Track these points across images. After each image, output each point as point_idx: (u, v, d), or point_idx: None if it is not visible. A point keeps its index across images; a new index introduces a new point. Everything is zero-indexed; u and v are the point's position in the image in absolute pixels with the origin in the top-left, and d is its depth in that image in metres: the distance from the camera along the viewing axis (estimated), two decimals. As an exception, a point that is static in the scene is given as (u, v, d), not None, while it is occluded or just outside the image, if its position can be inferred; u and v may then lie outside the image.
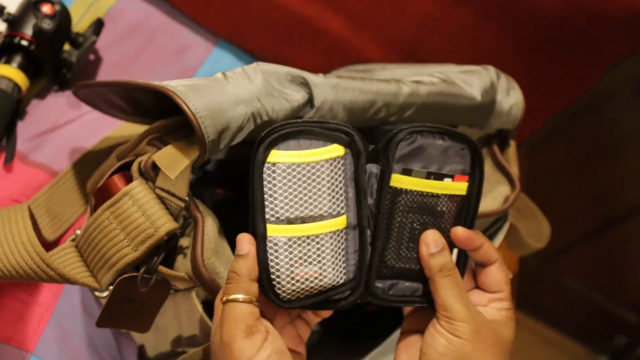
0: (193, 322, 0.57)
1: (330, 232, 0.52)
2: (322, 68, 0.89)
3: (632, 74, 0.96)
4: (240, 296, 0.50)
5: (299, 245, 0.51)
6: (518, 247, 0.88)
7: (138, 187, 0.52)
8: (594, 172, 1.22)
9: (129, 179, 0.54)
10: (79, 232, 0.56)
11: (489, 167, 0.75)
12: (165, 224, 0.52)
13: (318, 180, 0.52)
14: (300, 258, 0.51)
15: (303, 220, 0.52)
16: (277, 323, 0.54)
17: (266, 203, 0.51)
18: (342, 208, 0.53)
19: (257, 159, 0.50)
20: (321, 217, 0.52)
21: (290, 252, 0.51)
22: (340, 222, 0.53)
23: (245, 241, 0.50)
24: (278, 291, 0.51)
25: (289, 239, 0.51)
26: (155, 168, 0.52)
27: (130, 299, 0.54)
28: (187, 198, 0.53)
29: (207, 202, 0.56)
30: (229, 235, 0.57)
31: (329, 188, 0.52)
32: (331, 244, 0.52)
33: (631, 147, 1.13)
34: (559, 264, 1.44)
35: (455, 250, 0.55)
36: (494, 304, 0.55)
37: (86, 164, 0.77)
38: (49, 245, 0.71)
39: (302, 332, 0.55)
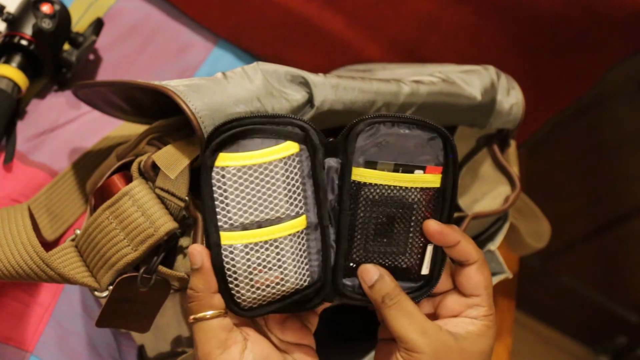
0: (193, 322, 0.57)
1: (290, 235, 0.51)
2: (322, 68, 0.89)
3: (632, 74, 0.96)
4: (207, 313, 0.49)
5: (257, 251, 0.50)
6: (518, 247, 0.88)
7: (138, 187, 0.52)
8: (594, 171, 1.22)
9: (128, 179, 0.54)
10: (78, 232, 0.56)
11: (489, 167, 0.75)
12: (165, 223, 0.52)
13: (272, 182, 0.50)
14: (259, 265, 0.50)
15: (259, 224, 0.50)
16: (275, 318, 0.53)
17: (218, 210, 0.49)
18: (300, 208, 0.51)
19: (205, 163, 0.49)
20: (279, 220, 0.50)
21: (248, 260, 0.49)
22: (299, 223, 0.51)
23: (197, 253, 0.49)
24: (238, 300, 0.50)
25: (246, 246, 0.49)
26: (155, 168, 0.52)
27: (130, 299, 0.54)
28: (187, 198, 0.53)
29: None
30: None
31: (284, 189, 0.50)
32: (291, 247, 0.51)
33: (631, 147, 1.13)
34: (559, 264, 1.44)
35: (430, 247, 0.53)
36: (469, 312, 0.52)
37: (86, 164, 0.77)
38: (48, 245, 0.71)
39: (308, 322, 0.54)
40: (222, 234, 0.49)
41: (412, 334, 0.49)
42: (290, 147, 0.51)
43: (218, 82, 0.54)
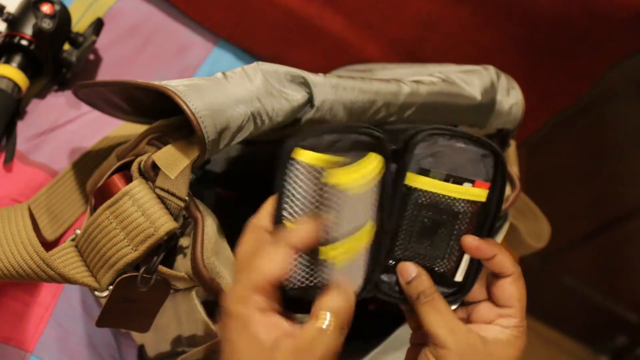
0: (193, 322, 0.57)
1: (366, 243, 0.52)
2: (322, 68, 0.89)
3: (632, 74, 0.96)
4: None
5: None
6: (518, 247, 0.88)
7: (138, 187, 0.52)
8: (594, 171, 1.22)
9: (128, 179, 0.54)
10: (78, 232, 0.56)
11: (489, 167, 0.75)
12: (165, 223, 0.52)
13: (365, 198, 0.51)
14: None
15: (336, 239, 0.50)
16: None
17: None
18: (370, 216, 0.52)
19: (319, 179, 0.49)
20: (355, 229, 0.51)
21: None
22: (370, 228, 0.52)
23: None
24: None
25: None
26: (155, 168, 0.52)
27: (130, 298, 0.54)
28: (187, 198, 0.53)
29: (207, 202, 0.56)
30: (229, 235, 0.57)
31: (372, 198, 0.52)
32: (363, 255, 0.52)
33: (631, 147, 1.13)
34: (559, 264, 1.44)
35: (467, 257, 0.54)
36: (500, 321, 0.53)
37: (86, 164, 0.77)
38: (48, 245, 0.71)
39: None
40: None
41: (441, 329, 0.50)
42: (379, 161, 0.51)
43: (218, 82, 0.54)
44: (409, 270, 0.53)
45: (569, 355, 1.60)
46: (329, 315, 0.46)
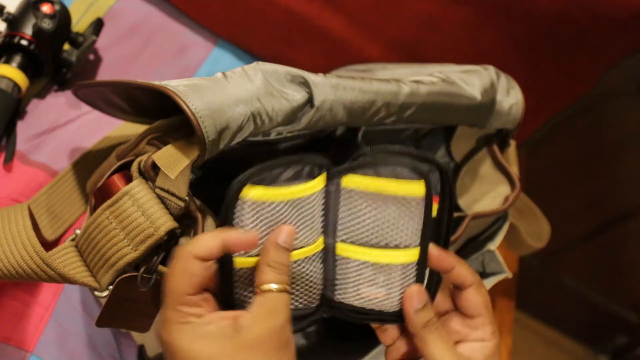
0: (193, 322, 0.57)
1: (401, 264, 0.53)
2: (322, 68, 0.89)
3: (632, 74, 0.96)
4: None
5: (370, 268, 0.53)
6: (518, 247, 0.88)
7: (138, 187, 0.52)
8: (594, 171, 1.22)
9: (128, 179, 0.54)
10: (78, 231, 0.55)
11: (488, 167, 0.76)
12: (165, 223, 0.52)
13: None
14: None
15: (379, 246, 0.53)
16: None
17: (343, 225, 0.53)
18: (414, 240, 0.53)
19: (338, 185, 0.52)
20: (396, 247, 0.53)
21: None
22: (413, 254, 0.54)
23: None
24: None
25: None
26: (155, 168, 0.52)
27: (130, 298, 0.54)
28: (187, 198, 0.52)
29: (207, 201, 0.56)
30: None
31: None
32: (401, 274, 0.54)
33: (631, 147, 1.13)
34: (559, 264, 1.44)
35: (427, 271, 0.55)
36: (477, 334, 0.54)
37: (86, 164, 0.77)
38: (48, 245, 0.71)
39: None
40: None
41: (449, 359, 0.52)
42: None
43: (218, 82, 0.54)
44: (420, 296, 0.54)
45: (569, 355, 1.60)
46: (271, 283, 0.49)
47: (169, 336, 0.48)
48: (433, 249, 0.54)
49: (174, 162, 0.51)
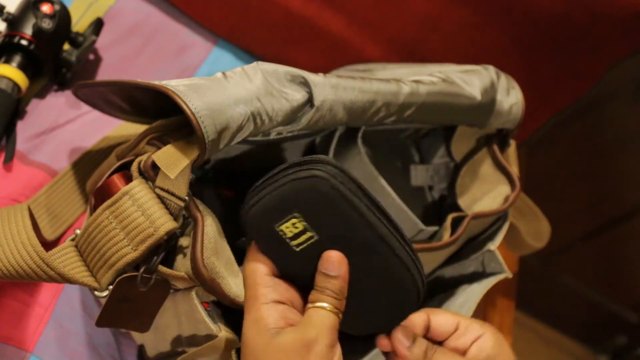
0: (193, 322, 0.57)
1: None
2: (321, 68, 0.88)
3: (633, 73, 0.96)
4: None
5: None
6: (518, 247, 0.88)
7: (138, 187, 0.52)
8: (594, 171, 1.22)
9: (128, 179, 0.54)
10: (78, 231, 0.55)
11: (489, 167, 0.76)
12: (165, 223, 0.51)
13: None
14: None
15: None
16: None
17: None
18: None
19: None
20: None
21: None
22: None
23: (337, 262, 0.52)
24: None
25: None
26: (154, 167, 0.52)
27: (130, 298, 0.54)
28: (187, 197, 0.52)
29: (207, 201, 0.56)
30: (229, 235, 0.57)
31: None
32: None
33: (631, 147, 1.13)
34: (559, 264, 1.44)
35: None
36: (468, 338, 0.54)
37: (86, 164, 0.77)
38: (48, 245, 0.71)
39: None
40: None
41: None
42: None
43: (218, 82, 0.53)
44: (405, 334, 0.54)
45: (569, 355, 1.60)
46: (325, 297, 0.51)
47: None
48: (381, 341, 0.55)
49: (173, 161, 0.51)
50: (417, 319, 0.55)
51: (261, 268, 0.53)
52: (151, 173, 0.52)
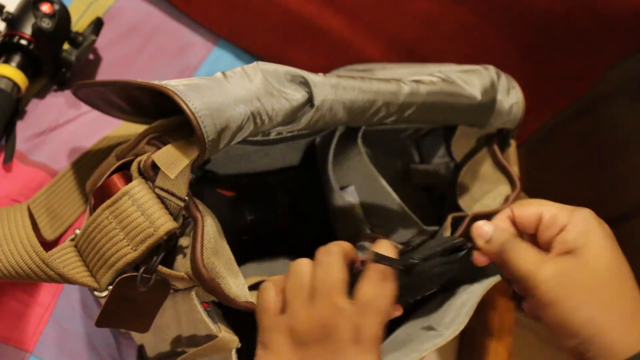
0: (192, 322, 0.57)
1: None
2: (321, 67, 0.89)
3: (633, 73, 0.96)
4: None
5: None
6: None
7: (137, 187, 0.52)
8: (595, 171, 1.21)
9: (128, 179, 0.54)
10: (78, 231, 0.55)
11: (489, 167, 0.75)
12: (165, 223, 0.51)
13: None
14: None
15: None
16: None
17: None
18: None
19: None
20: None
21: None
22: None
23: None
24: None
25: None
26: (154, 167, 0.52)
27: (130, 298, 0.54)
28: (186, 197, 0.52)
29: (207, 201, 0.56)
30: (228, 235, 0.57)
31: None
32: None
33: (632, 147, 1.13)
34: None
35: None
36: (555, 227, 0.50)
37: (85, 164, 0.77)
38: (48, 245, 0.71)
39: None
40: None
41: (529, 265, 0.48)
42: None
43: (218, 82, 0.53)
44: (485, 229, 0.52)
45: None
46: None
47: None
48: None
49: (173, 161, 0.51)
50: (502, 214, 0.53)
51: None
52: (151, 173, 0.52)
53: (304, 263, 0.51)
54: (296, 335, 0.48)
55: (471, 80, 0.68)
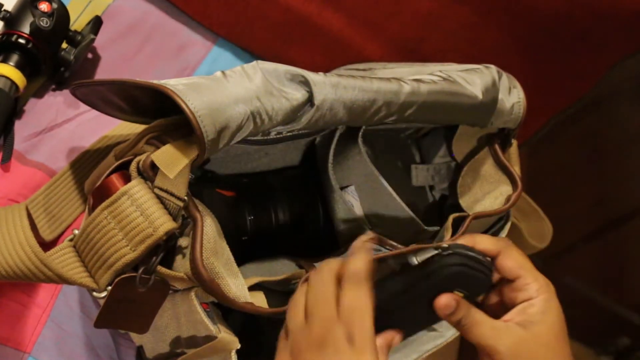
0: (192, 323, 0.57)
1: None
2: (321, 66, 0.88)
3: (635, 72, 0.95)
4: None
5: None
6: (520, 248, 0.87)
7: (137, 187, 0.52)
8: (596, 171, 1.21)
9: (127, 179, 0.54)
10: (77, 232, 0.55)
11: (490, 167, 0.75)
12: (164, 223, 0.51)
13: None
14: None
15: None
16: None
17: None
18: None
19: None
20: None
21: None
22: None
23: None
24: None
25: None
26: (153, 167, 0.52)
27: (129, 299, 0.54)
28: (186, 197, 0.52)
29: (206, 201, 0.56)
30: (228, 235, 0.56)
31: None
32: None
33: (634, 146, 1.13)
34: (561, 264, 1.43)
35: None
36: (522, 294, 0.54)
37: (84, 163, 0.76)
38: (46, 246, 0.71)
39: None
40: None
41: (488, 340, 0.52)
42: None
43: (217, 81, 0.53)
44: (448, 303, 0.54)
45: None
46: None
47: None
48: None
49: (173, 161, 0.51)
50: (487, 243, 0.55)
51: None
52: (150, 173, 0.52)
53: (298, 293, 0.53)
54: (296, 351, 0.50)
55: (472, 79, 0.67)
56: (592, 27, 0.87)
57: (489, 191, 0.75)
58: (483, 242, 0.55)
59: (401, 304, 0.54)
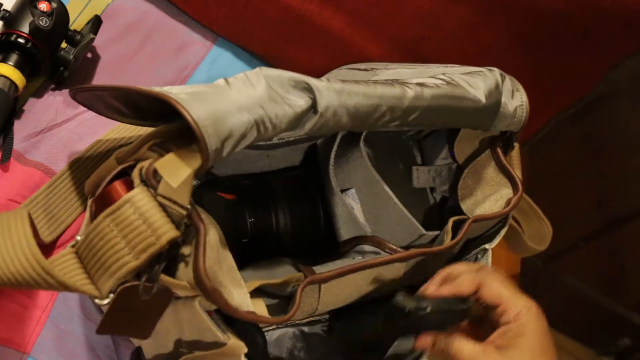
0: (197, 329, 0.57)
1: None
2: (321, 66, 0.88)
3: (635, 72, 0.95)
4: None
5: None
6: (519, 250, 0.87)
7: (140, 195, 0.51)
8: (597, 171, 1.21)
9: (129, 185, 0.53)
10: (79, 238, 0.55)
11: (492, 170, 0.75)
12: (167, 232, 0.51)
13: None
14: None
15: None
16: None
17: None
18: None
19: None
20: None
21: None
22: None
23: None
24: None
25: None
26: (156, 175, 0.52)
27: (132, 307, 0.53)
28: (189, 206, 0.52)
29: (208, 205, 0.56)
30: (228, 238, 0.56)
31: None
32: None
33: (635, 146, 1.13)
34: (562, 264, 1.43)
35: None
36: (503, 319, 0.57)
37: (84, 164, 0.76)
38: (46, 247, 0.71)
39: None
40: None
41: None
42: None
43: (220, 90, 0.52)
44: (425, 342, 0.59)
45: (572, 357, 1.59)
46: None
47: None
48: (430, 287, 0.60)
49: (176, 170, 0.51)
50: (467, 284, 0.59)
51: None
52: (153, 181, 0.52)
53: None
54: None
55: (476, 82, 0.67)
56: (593, 27, 0.87)
57: (489, 194, 0.75)
58: (463, 283, 0.59)
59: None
